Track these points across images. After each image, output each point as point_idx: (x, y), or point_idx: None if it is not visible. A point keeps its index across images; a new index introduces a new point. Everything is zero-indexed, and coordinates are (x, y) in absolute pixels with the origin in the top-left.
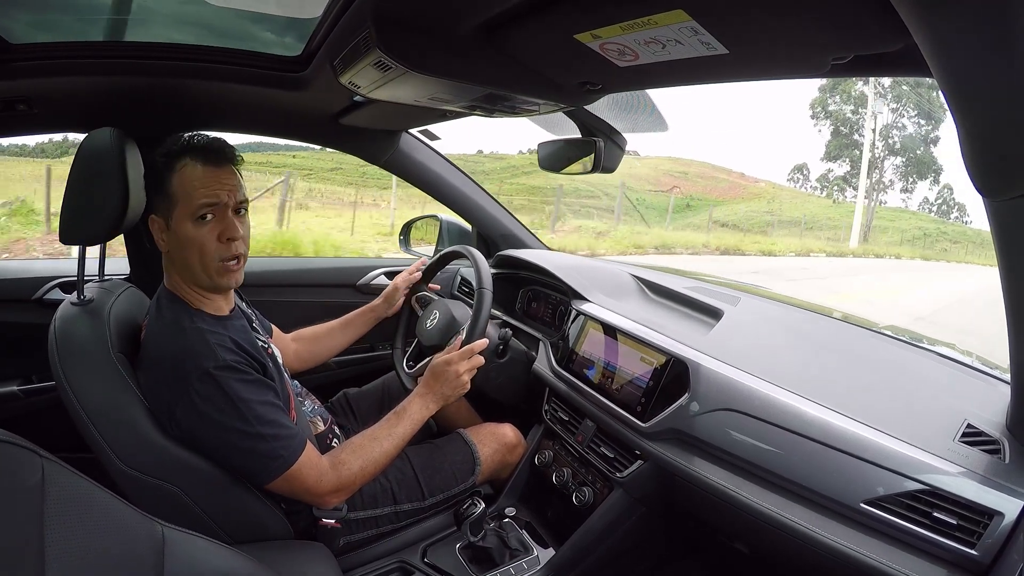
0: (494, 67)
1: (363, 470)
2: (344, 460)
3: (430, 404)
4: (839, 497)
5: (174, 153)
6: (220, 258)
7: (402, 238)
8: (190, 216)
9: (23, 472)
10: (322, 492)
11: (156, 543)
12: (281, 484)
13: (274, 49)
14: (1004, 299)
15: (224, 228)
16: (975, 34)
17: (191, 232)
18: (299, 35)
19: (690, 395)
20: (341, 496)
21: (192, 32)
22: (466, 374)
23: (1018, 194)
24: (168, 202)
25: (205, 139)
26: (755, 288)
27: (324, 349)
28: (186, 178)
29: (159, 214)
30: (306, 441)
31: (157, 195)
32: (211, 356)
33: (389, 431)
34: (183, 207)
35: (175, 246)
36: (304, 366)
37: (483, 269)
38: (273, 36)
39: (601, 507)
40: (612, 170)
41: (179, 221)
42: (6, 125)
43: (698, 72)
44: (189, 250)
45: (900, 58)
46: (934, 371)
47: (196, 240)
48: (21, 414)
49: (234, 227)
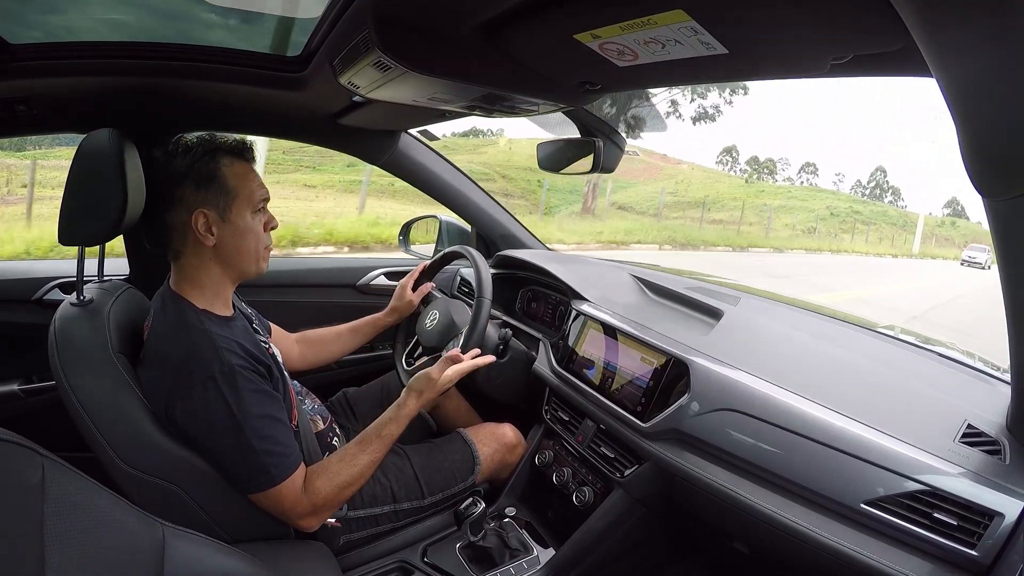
0: (493, 67)
1: (339, 493)
2: (318, 488)
3: (410, 400)
4: (839, 497)
5: (211, 151)
6: (265, 245)
7: (402, 238)
8: (251, 208)
9: (23, 471)
10: (297, 515)
11: (156, 543)
12: (261, 498)
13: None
14: (1004, 299)
15: (268, 218)
16: (975, 34)
17: (250, 222)
18: (299, 35)
19: (690, 395)
20: (320, 518)
21: (192, 32)
22: (452, 375)
23: (1018, 194)
24: (225, 195)
25: (230, 138)
26: (755, 288)
27: (330, 353)
28: (238, 173)
29: (212, 208)
30: (299, 463)
31: (206, 190)
32: (216, 360)
33: (363, 450)
34: (243, 199)
35: (232, 236)
36: (307, 367)
37: (484, 274)
38: (272, 36)
39: (601, 507)
40: (611, 170)
41: (239, 213)
42: (6, 126)
43: (697, 72)
44: (247, 239)
45: (900, 58)
46: (934, 371)
47: (254, 229)
48: (21, 414)
49: (273, 217)
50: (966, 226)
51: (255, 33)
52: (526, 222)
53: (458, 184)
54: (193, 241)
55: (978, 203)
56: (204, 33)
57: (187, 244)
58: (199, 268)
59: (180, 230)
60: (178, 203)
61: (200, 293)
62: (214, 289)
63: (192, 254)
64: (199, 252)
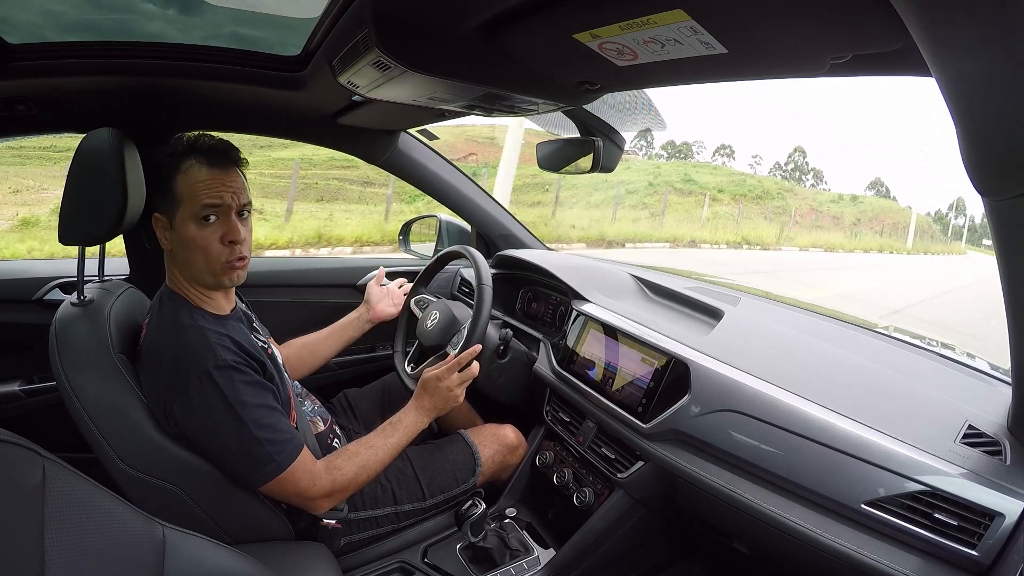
0: (493, 67)
1: (357, 476)
2: (339, 465)
3: (423, 417)
4: (840, 498)
5: (180, 153)
6: (224, 260)
7: (401, 238)
8: (193, 217)
9: (24, 472)
10: (315, 496)
11: (156, 543)
12: (273, 488)
13: (273, 49)
14: (1004, 299)
15: (227, 230)
16: (975, 33)
17: (194, 233)
18: (298, 35)
19: (691, 396)
20: (333, 500)
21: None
22: (458, 388)
23: (1018, 194)
24: (172, 202)
25: (211, 140)
26: (756, 289)
27: (316, 359)
28: (191, 179)
29: (163, 213)
30: (302, 446)
31: (161, 194)
32: (211, 355)
33: (384, 440)
34: (187, 208)
35: (178, 245)
36: (294, 375)
37: (483, 267)
38: (272, 36)
39: (602, 508)
40: (611, 169)
41: (182, 221)
42: (5, 125)
43: (697, 71)
44: (192, 250)
45: (899, 57)
46: (935, 372)
47: (199, 241)
48: (22, 414)
49: (236, 230)
50: (873, 202)
51: (254, 33)
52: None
53: (458, 184)
54: (163, 243)
55: (899, 179)
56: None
57: (162, 245)
58: (175, 270)
59: (150, 233)
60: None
61: (193, 291)
62: (198, 290)
63: (167, 255)
64: (168, 254)
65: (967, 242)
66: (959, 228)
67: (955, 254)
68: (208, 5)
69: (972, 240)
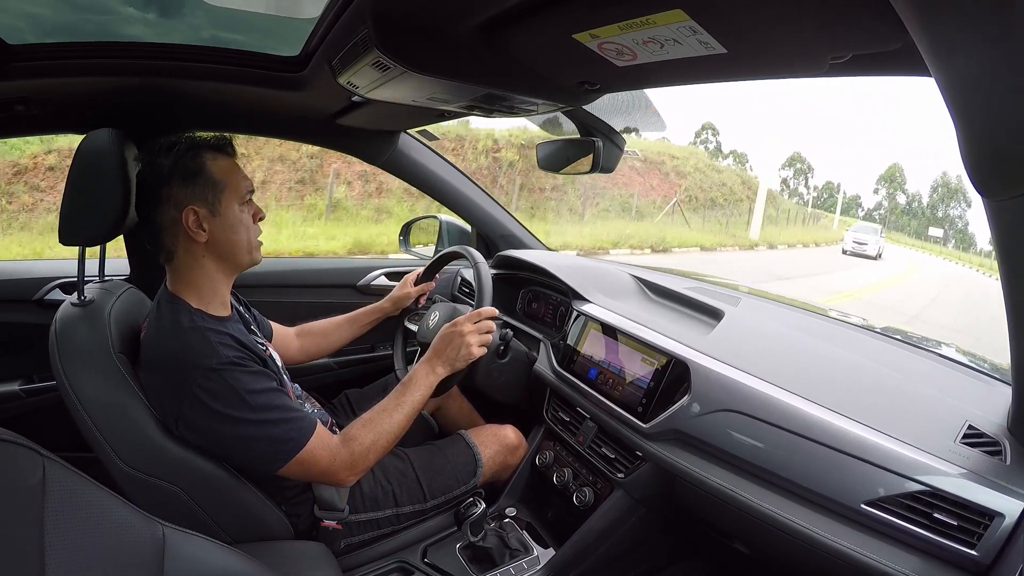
0: (493, 67)
1: (375, 443)
2: (354, 435)
3: (437, 368)
4: (840, 498)
5: (194, 147)
6: (256, 237)
7: (402, 238)
8: (239, 199)
9: (24, 471)
10: (336, 470)
11: (156, 543)
12: (295, 468)
13: (272, 49)
14: (1004, 299)
15: (256, 209)
16: (974, 33)
17: (239, 214)
18: (297, 35)
19: (691, 396)
20: (356, 472)
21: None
22: (475, 341)
23: (1018, 194)
24: (214, 189)
25: (214, 136)
26: (756, 289)
27: (329, 344)
28: (223, 167)
29: (201, 204)
30: (316, 422)
31: (192, 187)
32: (213, 354)
33: (397, 401)
34: (231, 191)
35: (223, 230)
36: (307, 359)
37: (480, 263)
38: (253, 40)
39: (602, 507)
40: (611, 170)
41: (228, 205)
42: (5, 126)
43: (696, 71)
44: (238, 232)
45: (899, 57)
46: (935, 372)
47: (245, 221)
48: (22, 414)
49: (260, 209)
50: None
51: (254, 33)
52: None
53: (458, 184)
54: (185, 239)
55: (822, 164)
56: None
57: (179, 243)
58: (193, 267)
59: (170, 229)
60: (166, 202)
61: (196, 293)
62: (211, 288)
63: (185, 252)
64: (191, 250)
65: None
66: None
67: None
68: (188, 7)
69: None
